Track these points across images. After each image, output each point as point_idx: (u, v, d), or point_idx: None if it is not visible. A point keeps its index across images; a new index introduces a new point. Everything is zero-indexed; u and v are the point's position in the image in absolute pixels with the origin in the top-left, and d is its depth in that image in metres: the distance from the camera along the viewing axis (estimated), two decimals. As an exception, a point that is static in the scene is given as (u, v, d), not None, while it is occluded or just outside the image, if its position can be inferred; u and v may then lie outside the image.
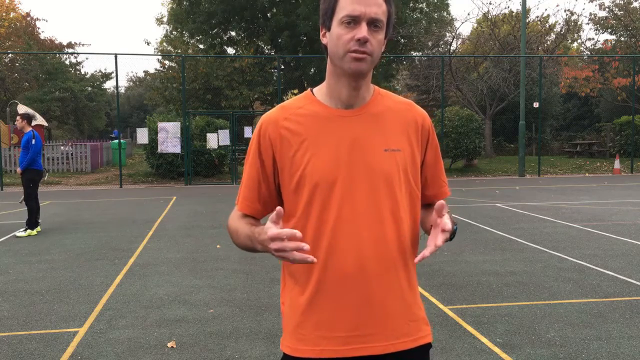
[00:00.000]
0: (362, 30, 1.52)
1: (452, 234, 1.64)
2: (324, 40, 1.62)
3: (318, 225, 1.57)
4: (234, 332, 4.41)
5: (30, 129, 8.86)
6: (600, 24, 28.62)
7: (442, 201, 1.51)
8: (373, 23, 1.53)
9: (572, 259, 6.68)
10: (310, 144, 1.59)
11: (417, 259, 1.53)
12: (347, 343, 1.58)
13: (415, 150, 1.66)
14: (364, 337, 1.58)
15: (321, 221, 1.57)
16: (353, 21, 1.53)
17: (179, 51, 26.06)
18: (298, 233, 1.41)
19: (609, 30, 28.68)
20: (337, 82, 1.62)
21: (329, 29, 1.59)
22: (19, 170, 8.87)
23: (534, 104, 19.56)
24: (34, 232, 8.76)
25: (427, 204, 1.77)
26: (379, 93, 1.69)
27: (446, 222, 1.49)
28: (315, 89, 1.70)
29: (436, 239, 1.49)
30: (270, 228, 1.44)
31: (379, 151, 1.60)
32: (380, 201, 1.58)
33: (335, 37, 1.56)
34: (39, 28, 36.67)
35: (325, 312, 1.58)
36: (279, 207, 1.45)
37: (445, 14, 28.49)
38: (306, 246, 1.41)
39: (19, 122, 8.85)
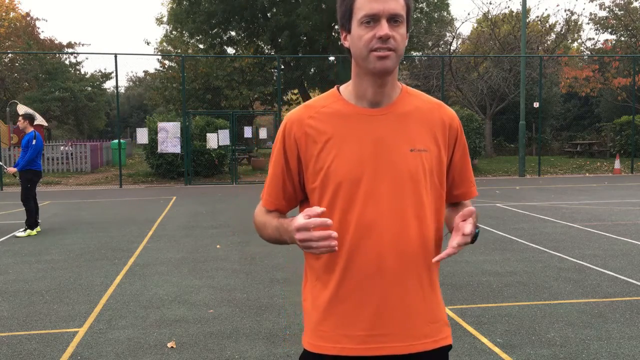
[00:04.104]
0: (383, 28, 1.50)
1: (474, 237, 1.64)
2: (345, 44, 1.61)
3: (341, 223, 1.56)
4: (234, 332, 4.41)
5: (32, 129, 8.86)
6: (601, 24, 28.62)
7: (471, 208, 1.54)
8: (393, 18, 1.52)
9: (572, 259, 6.68)
10: (335, 142, 1.59)
11: (435, 259, 1.55)
12: (367, 342, 1.58)
13: (442, 151, 1.65)
14: (383, 337, 1.58)
15: (344, 220, 1.57)
16: (372, 20, 1.51)
17: (179, 51, 26.10)
18: (328, 221, 1.41)
19: (609, 30, 28.69)
20: (362, 81, 1.60)
21: (349, 32, 1.58)
22: (11, 169, 8.80)
23: (534, 104, 19.54)
24: (34, 232, 8.76)
25: (454, 203, 1.78)
26: (407, 92, 1.68)
27: (467, 226, 1.51)
28: (342, 87, 1.69)
29: (453, 241, 1.52)
30: (298, 218, 1.45)
31: (404, 151, 1.59)
32: (405, 201, 1.57)
33: (356, 38, 1.54)
34: (38, 28, 36.61)
35: (346, 311, 1.59)
36: (318, 208, 1.44)
37: (445, 13, 28.50)
38: (334, 233, 1.41)
39: (21, 122, 8.83)
